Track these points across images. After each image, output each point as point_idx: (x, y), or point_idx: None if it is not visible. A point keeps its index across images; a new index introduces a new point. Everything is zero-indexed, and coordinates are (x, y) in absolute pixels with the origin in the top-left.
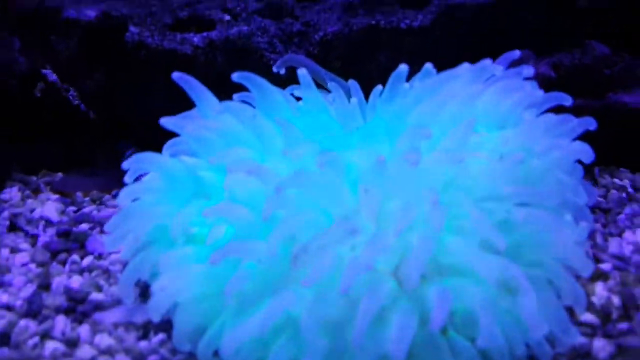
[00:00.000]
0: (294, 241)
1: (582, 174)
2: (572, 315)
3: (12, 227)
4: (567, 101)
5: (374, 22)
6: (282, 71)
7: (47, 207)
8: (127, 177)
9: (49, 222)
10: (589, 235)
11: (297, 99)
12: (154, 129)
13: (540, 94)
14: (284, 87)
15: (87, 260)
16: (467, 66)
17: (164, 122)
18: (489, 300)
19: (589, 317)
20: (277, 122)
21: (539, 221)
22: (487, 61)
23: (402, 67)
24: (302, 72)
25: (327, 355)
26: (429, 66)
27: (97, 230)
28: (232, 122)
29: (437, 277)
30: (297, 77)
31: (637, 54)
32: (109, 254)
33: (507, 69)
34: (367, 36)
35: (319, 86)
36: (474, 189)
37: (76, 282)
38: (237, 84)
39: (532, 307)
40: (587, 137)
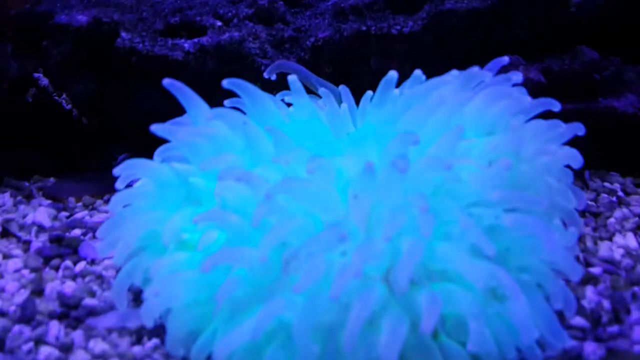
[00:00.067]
0: (284, 247)
1: (571, 179)
2: (562, 319)
3: (5, 233)
4: (556, 107)
5: (364, 28)
6: (273, 77)
7: (40, 212)
8: (118, 183)
9: (41, 228)
10: (578, 239)
11: (288, 104)
12: (146, 135)
13: (528, 100)
14: (275, 93)
15: (80, 265)
16: (456, 73)
17: (155, 128)
18: (478, 304)
19: (579, 320)
20: (267, 130)
21: (528, 226)
22: (476, 68)
23: (392, 74)
24: (292, 78)
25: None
26: (418, 73)
27: (89, 236)
28: (222, 129)
29: (427, 282)
30: (288, 83)
31: (626, 59)
32: (102, 260)
33: (496, 75)
34: (358, 42)
35: (310, 92)
36: (463, 195)
37: (69, 287)
38: (229, 90)
39: (523, 311)
40: (578, 141)
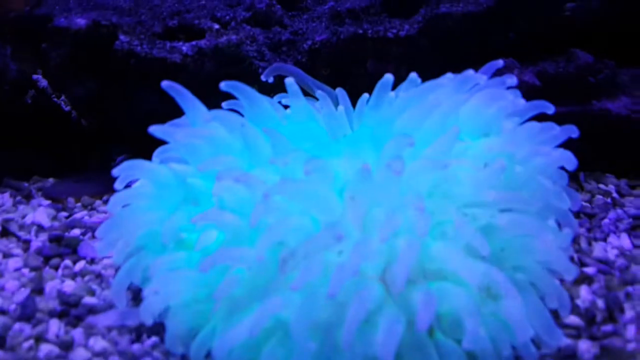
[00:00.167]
0: (281, 247)
1: (566, 181)
2: (557, 318)
3: (5, 233)
4: (550, 109)
5: (361, 32)
6: (271, 80)
7: (39, 212)
8: (117, 184)
9: (40, 228)
10: (573, 240)
11: (285, 107)
12: (144, 136)
13: (522, 103)
14: (273, 95)
15: (80, 265)
16: (451, 76)
17: (153, 130)
18: (474, 303)
19: (574, 319)
20: (265, 132)
21: (522, 226)
22: (470, 71)
23: (388, 77)
24: (289, 80)
25: (316, 357)
26: (414, 75)
27: (88, 235)
28: (220, 131)
29: (423, 281)
30: (285, 85)
31: (620, 62)
32: (101, 259)
33: (490, 78)
34: (355, 45)
35: (307, 94)
36: (458, 196)
37: (69, 286)
38: (226, 92)
39: (518, 310)
40: (573, 144)
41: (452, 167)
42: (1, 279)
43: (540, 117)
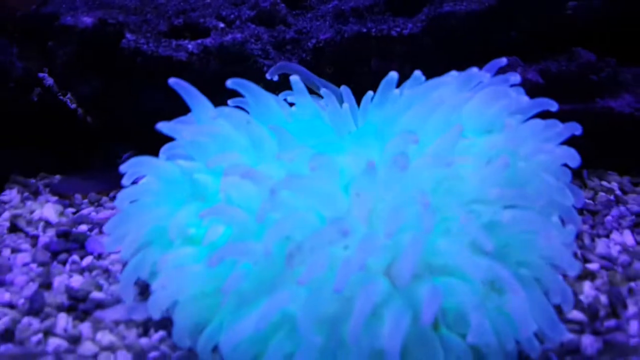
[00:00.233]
0: (288, 241)
1: (570, 178)
2: (560, 313)
3: (13, 228)
4: (553, 107)
5: (365, 30)
6: (275, 78)
7: (47, 208)
8: (124, 180)
9: (48, 223)
10: (576, 236)
11: (290, 104)
12: (149, 134)
13: (525, 100)
14: (278, 93)
15: (87, 260)
16: (455, 74)
17: (160, 126)
18: (478, 297)
19: (577, 314)
20: (271, 128)
21: (526, 222)
22: (474, 69)
23: (392, 74)
24: (294, 78)
25: (322, 350)
26: (418, 73)
27: (95, 231)
28: (226, 128)
29: (428, 276)
30: (290, 83)
31: (622, 60)
32: (109, 254)
33: (494, 75)
34: (359, 43)
35: (312, 92)
36: (463, 192)
37: (77, 281)
38: (232, 90)
39: (522, 305)
40: (576, 141)
41: (456, 164)
42: (10, 274)
43: (543, 115)
